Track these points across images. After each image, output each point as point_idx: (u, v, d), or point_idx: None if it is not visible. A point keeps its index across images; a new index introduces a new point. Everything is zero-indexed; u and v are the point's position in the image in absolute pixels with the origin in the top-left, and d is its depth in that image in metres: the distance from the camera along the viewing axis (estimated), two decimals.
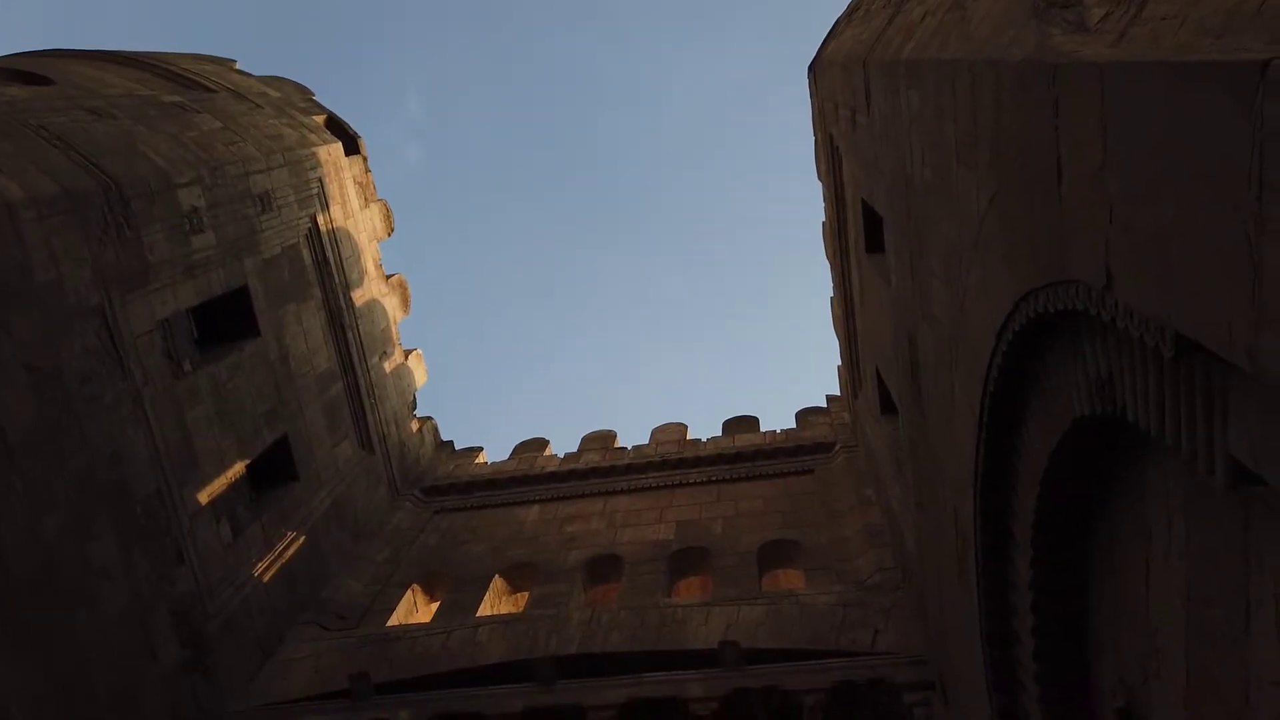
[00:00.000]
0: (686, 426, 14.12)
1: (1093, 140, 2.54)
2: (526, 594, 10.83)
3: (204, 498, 8.81)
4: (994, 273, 3.68)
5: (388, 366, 13.34)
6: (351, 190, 12.70)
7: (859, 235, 9.08)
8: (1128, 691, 3.46)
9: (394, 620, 10.25)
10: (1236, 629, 2.58)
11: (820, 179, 11.37)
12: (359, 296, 12.63)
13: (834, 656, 7.89)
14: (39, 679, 6.48)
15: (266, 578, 9.59)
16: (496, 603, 10.80)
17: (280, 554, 9.94)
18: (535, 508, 12.47)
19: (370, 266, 13.15)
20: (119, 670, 7.30)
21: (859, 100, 6.86)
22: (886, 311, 7.42)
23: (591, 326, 46.65)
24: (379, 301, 13.39)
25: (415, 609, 10.92)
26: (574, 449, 13.94)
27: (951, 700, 6.47)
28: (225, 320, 10.01)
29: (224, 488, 9.18)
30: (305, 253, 11.37)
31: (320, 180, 11.72)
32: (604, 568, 11.00)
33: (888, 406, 9.31)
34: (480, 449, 14.81)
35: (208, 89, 11.43)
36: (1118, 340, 2.75)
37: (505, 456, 14.18)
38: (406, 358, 14.20)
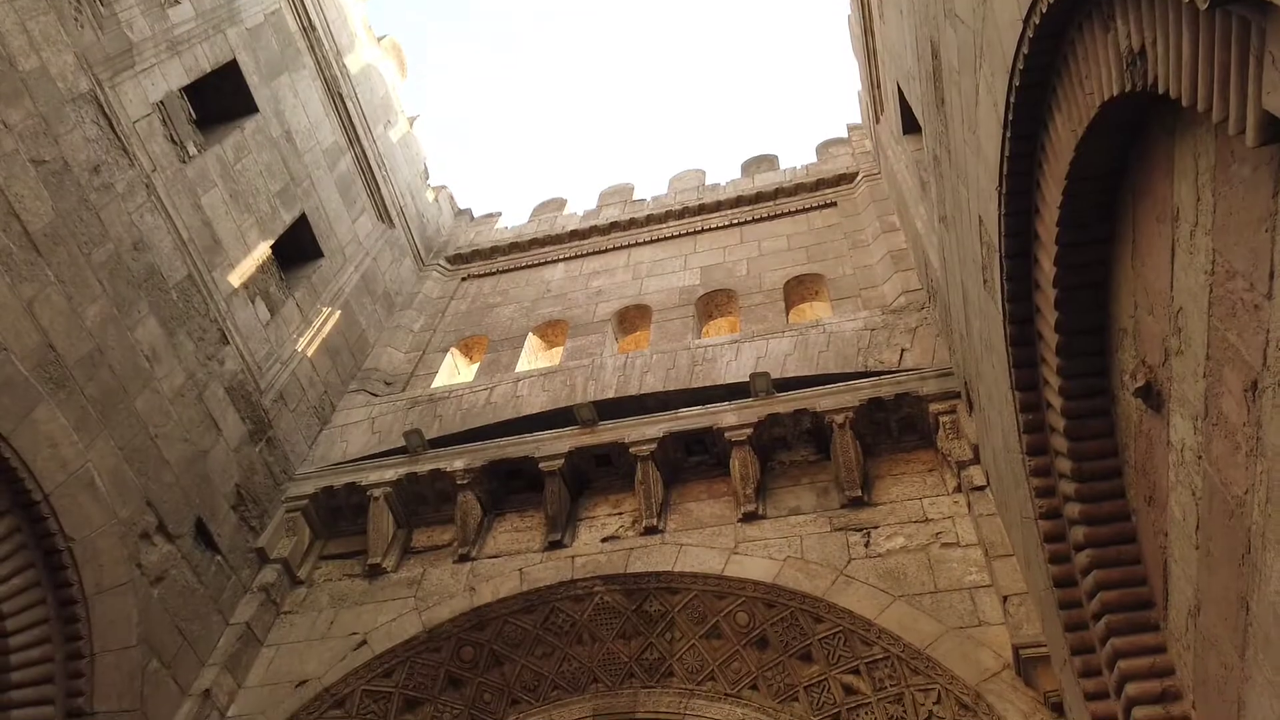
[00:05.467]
0: (704, 172, 13.86)
1: None
2: (561, 348, 11.18)
3: (235, 280, 8.97)
4: None
5: (394, 135, 13.03)
6: None
7: None
8: (1148, 371, 3.57)
9: (438, 383, 10.70)
10: (1259, 295, 2.59)
11: None
12: (353, 63, 12.12)
13: (862, 377, 8.18)
14: (113, 453, 6.94)
15: (310, 352, 9.94)
16: (533, 359, 11.18)
17: (319, 329, 10.23)
18: (560, 266, 12.58)
19: (359, 29, 12.51)
20: (187, 443, 7.78)
21: None
22: (906, 20, 7.00)
23: (599, 78, 44.71)
24: (374, 67, 12.86)
25: (457, 371, 11.36)
26: (593, 206, 13.83)
27: (976, 406, 6.74)
28: (221, 100, 9.73)
29: (253, 269, 9.31)
30: (289, 18, 10.79)
31: None
32: (633, 318, 11.24)
33: (910, 126, 9.02)
34: (499, 214, 14.74)
35: None
36: (1150, 5, 2.58)
37: (524, 220, 14.13)
38: (411, 125, 13.83)
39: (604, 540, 7.90)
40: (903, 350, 8.35)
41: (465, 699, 7.35)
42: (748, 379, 8.40)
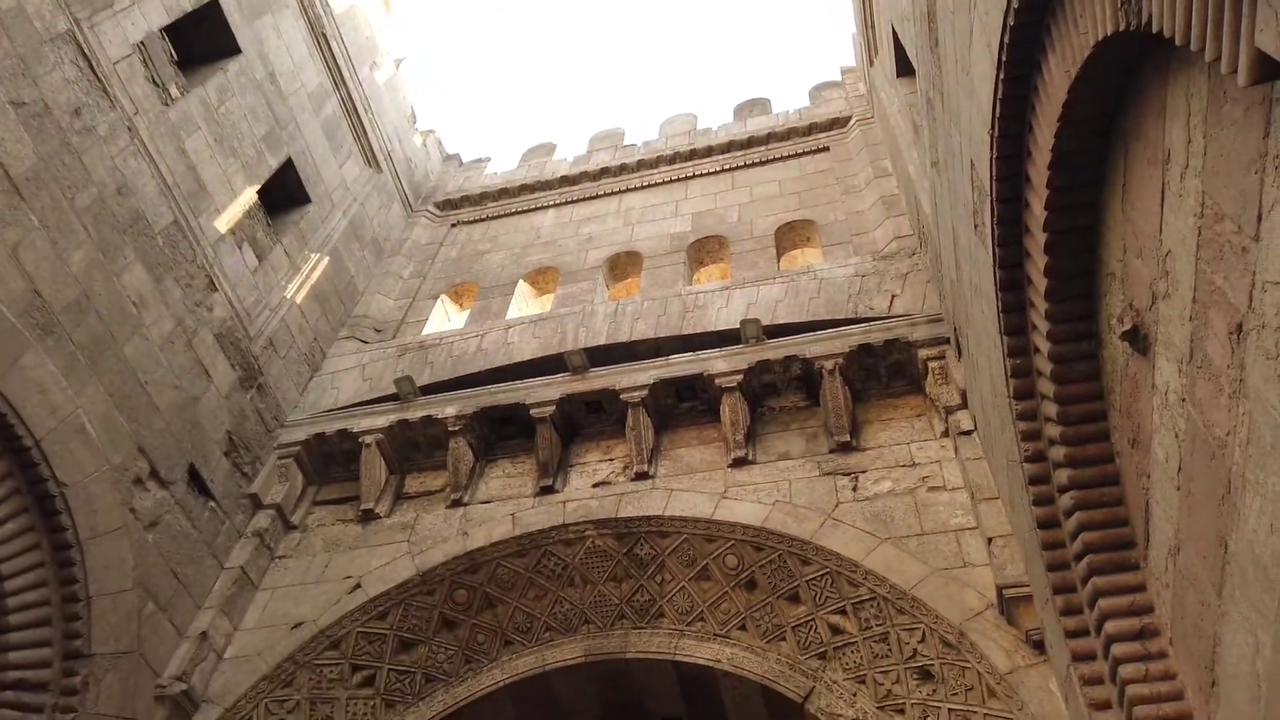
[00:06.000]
0: (696, 117, 13.71)
1: None
2: (552, 295, 11.14)
3: (222, 225, 8.88)
4: None
5: (380, 78, 12.81)
6: None
7: None
8: (1135, 315, 3.58)
9: (428, 330, 10.68)
10: (1246, 238, 2.60)
11: None
12: (336, 2, 11.86)
13: (852, 323, 8.20)
14: (103, 399, 6.94)
15: (299, 299, 9.89)
16: (524, 306, 11.16)
17: (308, 275, 10.17)
18: (550, 212, 12.48)
19: None
20: (178, 389, 7.78)
21: None
22: None
23: (588, 20, 43.91)
24: (358, 6, 12.61)
25: (447, 318, 11.33)
26: (583, 151, 13.67)
27: (964, 351, 6.77)
28: (202, 41, 9.53)
29: (239, 215, 9.22)
30: None
31: None
32: (624, 264, 11.21)
33: (904, 69, 8.91)
34: (488, 159, 14.58)
35: None
36: None
37: (514, 165, 13.98)
38: (398, 67, 13.59)
39: (595, 485, 7.97)
40: (893, 296, 8.36)
41: (459, 640, 7.47)
42: (738, 326, 8.41)
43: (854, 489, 7.19)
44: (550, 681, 7.35)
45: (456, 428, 8.53)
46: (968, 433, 6.96)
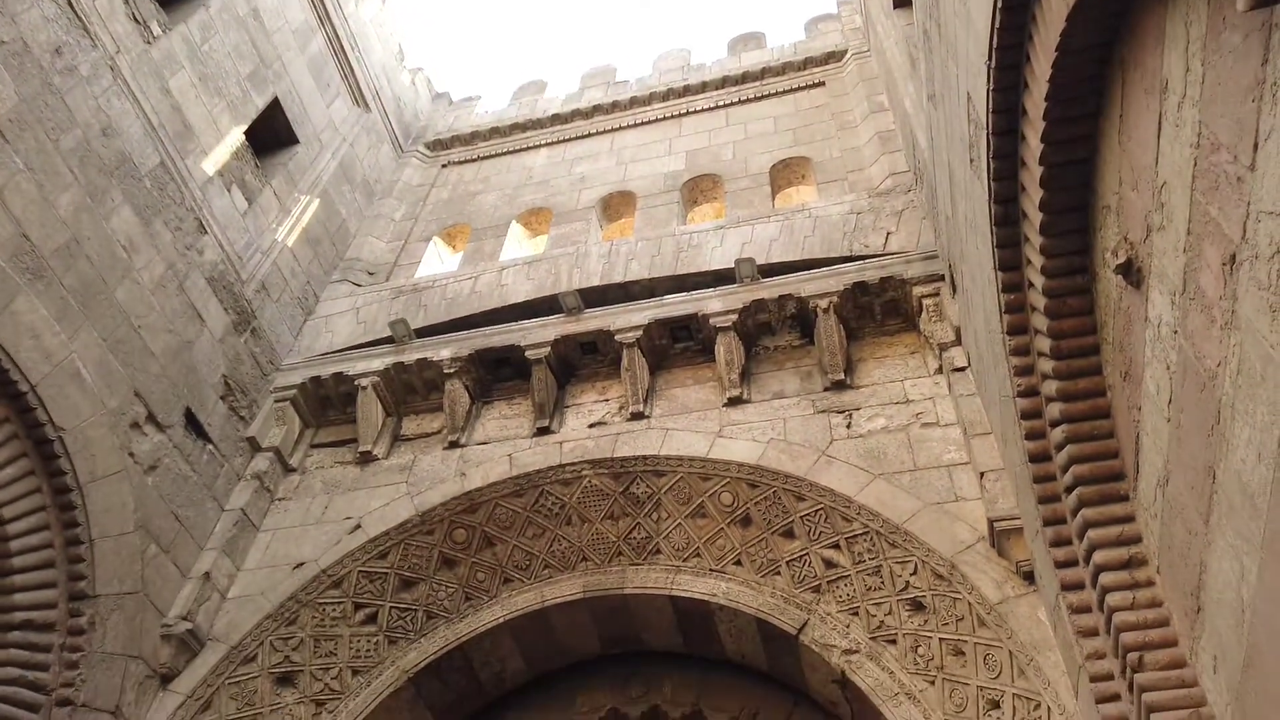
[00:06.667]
0: (689, 52, 13.45)
1: None
2: (545, 236, 11.07)
3: (209, 167, 8.77)
4: None
5: (365, 13, 12.53)
6: None
7: None
8: (1130, 248, 3.58)
9: (421, 272, 10.63)
10: (1242, 168, 2.58)
11: None
12: None
13: (847, 261, 8.17)
14: (97, 344, 6.92)
15: (290, 242, 9.82)
16: (517, 247, 11.09)
17: (298, 218, 10.08)
18: (543, 151, 12.33)
19: None
20: (171, 334, 7.76)
21: None
22: None
23: None
24: None
25: (440, 260, 11.27)
26: (575, 89, 13.45)
27: (959, 288, 6.77)
28: None
29: (227, 156, 9.10)
30: None
31: None
32: (617, 204, 11.12)
33: (901, 0, 8.74)
34: (478, 97, 14.34)
35: None
36: None
37: (505, 104, 13.76)
38: (384, 2, 13.29)
39: (591, 426, 8.02)
40: (888, 234, 8.31)
41: (459, 578, 7.58)
42: (733, 265, 8.37)
43: (848, 426, 7.24)
44: (549, 617, 7.48)
45: (452, 370, 8.54)
46: (961, 369, 6.98)
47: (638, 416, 7.91)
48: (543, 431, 8.06)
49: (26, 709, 5.88)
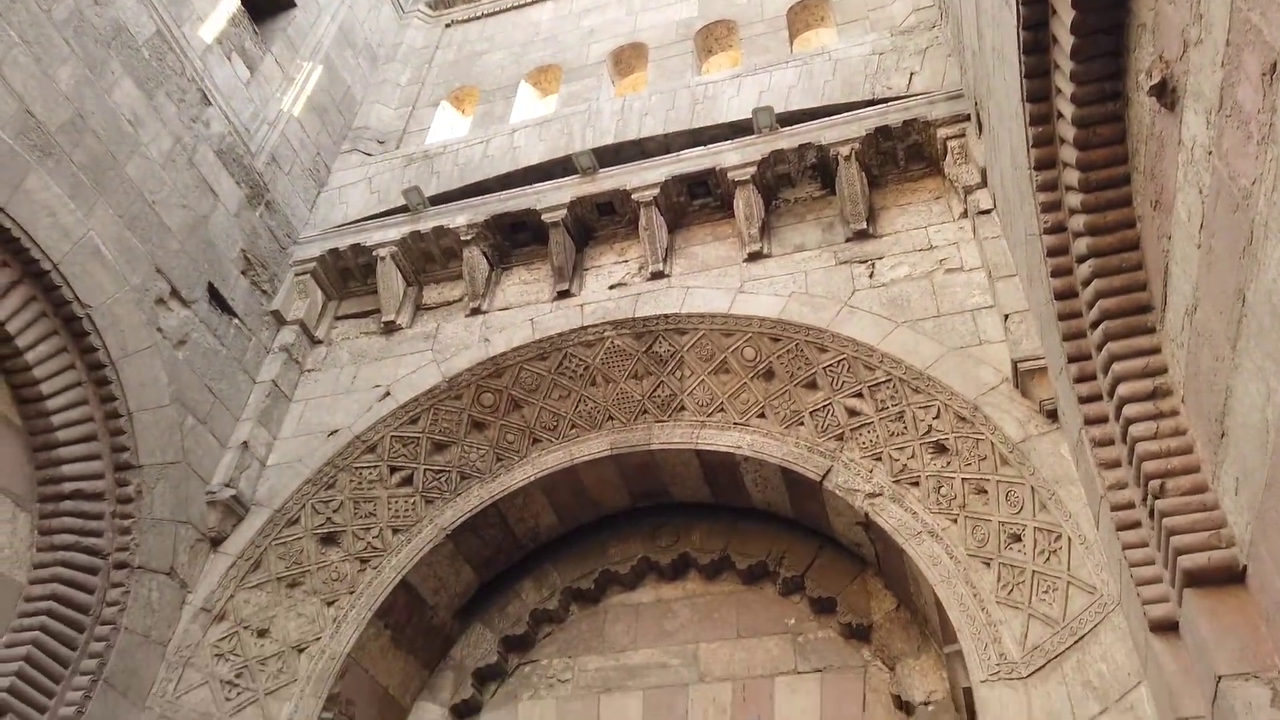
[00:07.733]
0: None
1: None
2: (555, 95, 10.76)
3: (207, 35, 8.52)
4: None
5: None
6: None
7: None
8: (1165, 67, 3.41)
9: (432, 139, 10.41)
10: None
11: None
12: None
13: (869, 105, 7.90)
14: (113, 221, 6.91)
15: (296, 111, 9.62)
16: (527, 108, 10.80)
17: (302, 86, 9.84)
18: (549, 4, 11.83)
19: None
20: (186, 209, 7.72)
21: None
22: None
23: None
24: None
25: (450, 125, 11.02)
26: None
27: (985, 126, 6.55)
28: None
29: (223, 22, 8.81)
30: None
31: None
32: (629, 57, 10.73)
33: None
34: None
35: None
36: None
37: None
38: None
39: (611, 287, 7.99)
40: (911, 74, 7.99)
41: (489, 440, 7.76)
42: (750, 115, 8.12)
43: (870, 276, 7.17)
44: (579, 474, 7.67)
45: (469, 237, 8.48)
46: (986, 211, 6.84)
47: (658, 276, 7.87)
48: (563, 295, 8.05)
49: (86, 572, 6.19)
